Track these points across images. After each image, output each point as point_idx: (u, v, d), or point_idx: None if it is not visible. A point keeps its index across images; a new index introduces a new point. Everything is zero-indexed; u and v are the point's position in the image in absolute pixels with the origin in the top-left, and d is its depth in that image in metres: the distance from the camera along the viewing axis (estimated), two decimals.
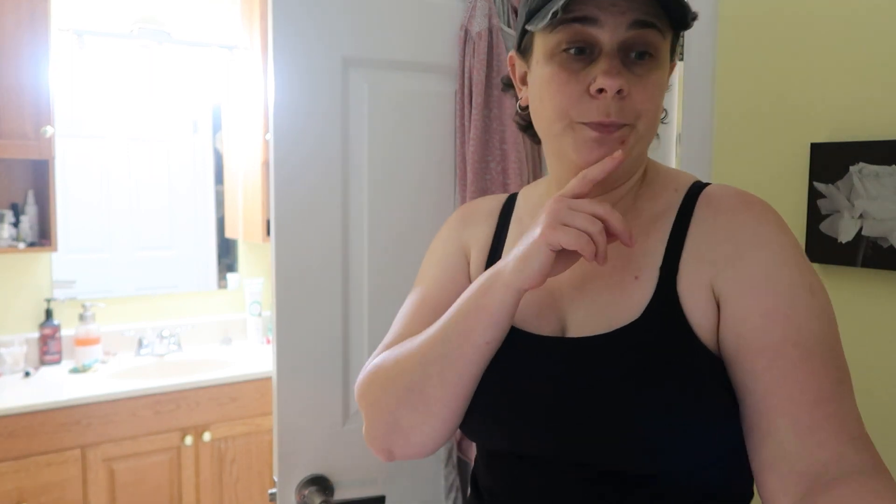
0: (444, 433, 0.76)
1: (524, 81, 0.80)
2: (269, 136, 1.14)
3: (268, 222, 2.77)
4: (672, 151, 1.43)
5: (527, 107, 0.80)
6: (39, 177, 2.60)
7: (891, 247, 1.10)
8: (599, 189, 0.76)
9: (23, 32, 2.37)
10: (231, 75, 2.99)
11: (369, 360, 0.83)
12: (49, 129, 2.42)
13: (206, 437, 2.53)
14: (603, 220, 0.67)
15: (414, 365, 0.76)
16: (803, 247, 1.23)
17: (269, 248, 1.17)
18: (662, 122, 0.80)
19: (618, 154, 0.69)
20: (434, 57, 1.24)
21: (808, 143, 1.21)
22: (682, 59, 1.39)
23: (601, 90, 0.68)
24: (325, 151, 1.16)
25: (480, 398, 0.75)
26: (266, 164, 2.73)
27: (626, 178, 0.78)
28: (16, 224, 2.55)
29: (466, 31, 1.23)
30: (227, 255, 3.12)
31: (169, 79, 2.91)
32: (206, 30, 2.96)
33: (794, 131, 1.24)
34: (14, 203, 2.58)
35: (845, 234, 1.16)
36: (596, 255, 0.66)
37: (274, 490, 1.17)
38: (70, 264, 2.77)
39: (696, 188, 0.77)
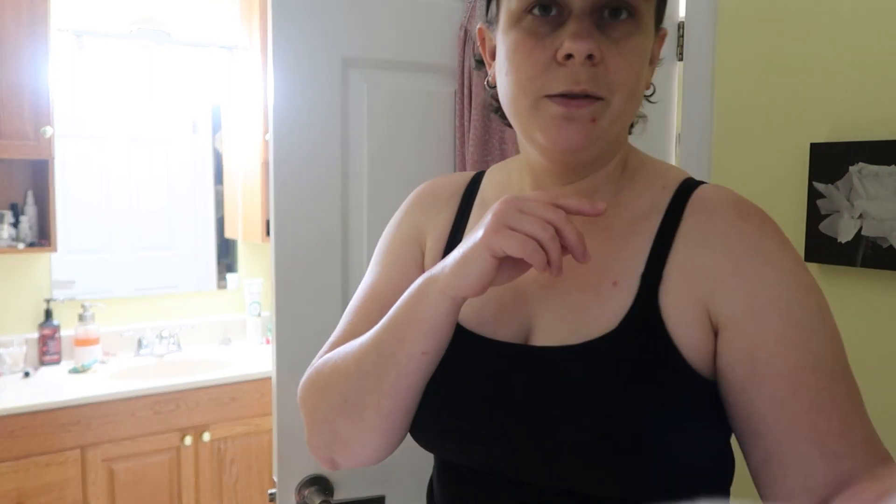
0: (387, 446, 0.71)
1: (493, 56, 0.71)
2: (269, 136, 1.14)
3: (267, 222, 2.77)
4: (671, 151, 1.43)
5: (496, 85, 0.70)
6: (39, 177, 2.60)
7: (890, 247, 1.10)
8: (569, 176, 0.69)
9: (22, 33, 2.37)
10: (231, 75, 2.99)
11: (315, 359, 0.77)
12: (48, 130, 2.42)
13: (206, 437, 2.53)
14: (556, 228, 0.59)
15: (349, 374, 0.69)
16: (803, 247, 1.23)
17: (269, 248, 1.17)
18: (648, 101, 0.72)
19: (601, 205, 0.61)
20: (434, 57, 1.24)
21: (808, 142, 1.21)
22: (681, 59, 1.39)
23: (569, 56, 0.60)
24: (324, 151, 1.16)
25: (428, 407, 0.69)
26: (266, 164, 2.73)
27: (599, 164, 0.69)
28: (15, 224, 2.55)
29: (466, 31, 1.23)
30: (226, 255, 3.12)
31: (168, 79, 2.91)
32: (205, 30, 2.96)
33: (794, 131, 1.24)
34: (14, 203, 2.58)
35: (845, 233, 1.16)
36: (548, 265, 0.59)
37: (274, 490, 1.17)
38: (69, 264, 2.77)
39: (687, 187, 0.69)
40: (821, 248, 1.19)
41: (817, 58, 1.21)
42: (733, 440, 0.66)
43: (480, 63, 0.76)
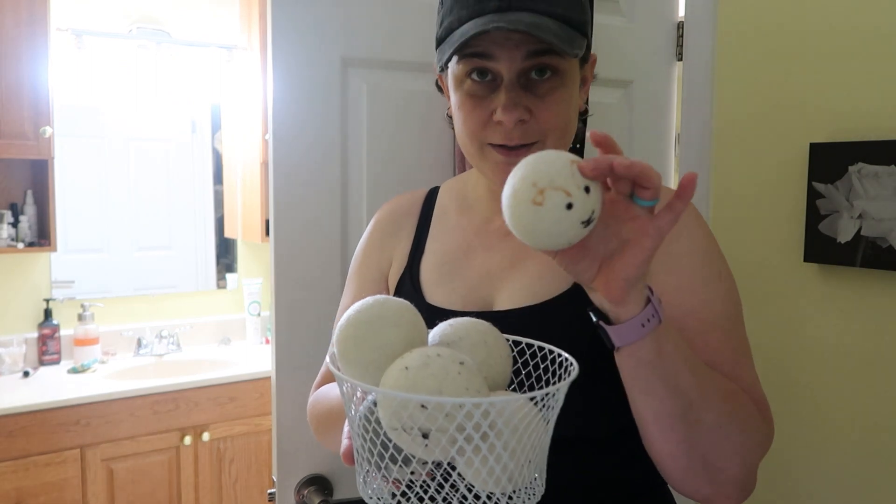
0: None
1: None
2: (269, 136, 1.14)
3: (267, 222, 2.76)
4: (671, 151, 1.43)
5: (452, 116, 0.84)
6: (38, 177, 2.60)
7: (890, 247, 1.10)
8: None
9: (21, 32, 2.36)
10: (230, 75, 2.99)
11: (319, 372, 0.90)
12: (48, 129, 2.42)
13: (205, 437, 2.53)
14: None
15: (328, 428, 0.84)
16: (802, 247, 1.23)
17: (268, 247, 1.17)
18: (584, 119, 0.86)
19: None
20: (433, 57, 1.24)
21: (808, 143, 1.21)
22: (681, 59, 1.39)
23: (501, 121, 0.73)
24: (324, 151, 1.16)
25: None
26: (265, 163, 2.73)
27: None
28: (15, 224, 2.54)
29: None
30: (226, 255, 3.12)
31: (168, 79, 2.91)
32: (205, 30, 2.96)
33: (794, 131, 1.24)
34: (13, 203, 2.57)
35: (844, 234, 1.16)
36: None
37: (273, 490, 1.17)
38: (69, 264, 2.77)
39: None
40: (820, 248, 1.19)
41: (816, 58, 1.21)
42: None
43: (441, 90, 0.87)
